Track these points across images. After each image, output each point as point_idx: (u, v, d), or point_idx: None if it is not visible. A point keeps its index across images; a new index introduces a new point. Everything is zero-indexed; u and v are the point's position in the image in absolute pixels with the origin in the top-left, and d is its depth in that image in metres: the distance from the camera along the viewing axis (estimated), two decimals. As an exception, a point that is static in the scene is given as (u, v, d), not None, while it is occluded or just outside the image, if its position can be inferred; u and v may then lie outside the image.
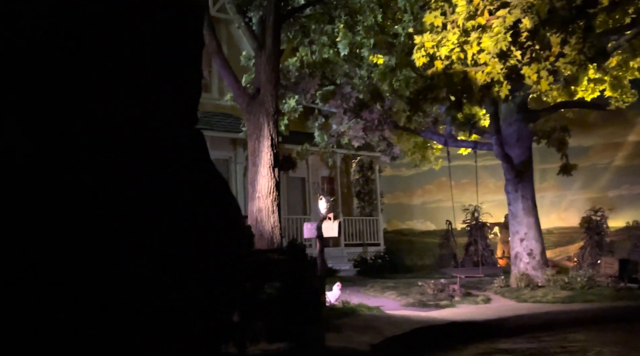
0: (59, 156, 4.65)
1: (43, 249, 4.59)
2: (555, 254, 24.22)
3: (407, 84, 10.75)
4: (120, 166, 4.69)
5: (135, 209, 4.94)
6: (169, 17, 4.84)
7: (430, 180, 25.04)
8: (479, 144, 15.96)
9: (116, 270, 4.43)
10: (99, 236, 4.80)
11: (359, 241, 20.87)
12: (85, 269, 4.68)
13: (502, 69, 10.69)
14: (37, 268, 4.13)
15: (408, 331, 9.01)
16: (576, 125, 20.39)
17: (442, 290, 13.84)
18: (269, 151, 9.34)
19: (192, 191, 5.41)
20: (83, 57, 4.46)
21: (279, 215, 9.33)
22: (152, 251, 5.02)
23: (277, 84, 9.79)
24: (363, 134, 13.71)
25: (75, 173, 4.41)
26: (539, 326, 11.19)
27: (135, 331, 4.63)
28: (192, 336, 5.45)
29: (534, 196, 15.29)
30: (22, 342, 4.09)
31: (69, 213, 4.31)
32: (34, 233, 4.49)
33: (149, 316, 4.67)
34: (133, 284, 4.72)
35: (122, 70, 4.54)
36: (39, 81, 4.38)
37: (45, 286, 4.27)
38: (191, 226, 5.46)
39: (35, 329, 4.04)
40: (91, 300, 4.23)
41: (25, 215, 4.53)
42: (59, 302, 4.18)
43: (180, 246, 5.36)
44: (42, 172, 4.49)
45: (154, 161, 5.11)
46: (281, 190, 19.93)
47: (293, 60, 12.96)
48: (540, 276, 14.59)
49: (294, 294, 6.89)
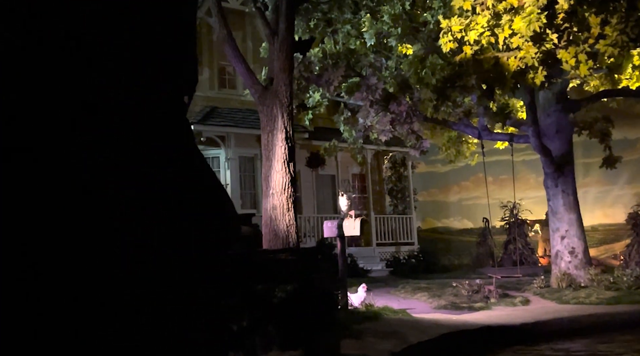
0: (58, 154, 4.32)
1: (43, 249, 4.33)
2: (600, 252, 23.17)
3: (433, 72, 10.05)
4: (120, 164, 4.37)
5: (135, 209, 4.60)
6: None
7: (467, 176, 24.16)
8: (516, 137, 15.09)
9: (116, 270, 4.26)
10: (98, 235, 4.49)
11: (392, 240, 20.17)
12: (85, 269, 4.41)
13: (536, 53, 9.92)
14: (37, 268, 4.00)
15: (435, 337, 8.33)
16: (621, 116, 19.35)
17: (477, 291, 13.09)
18: (283, 144, 8.76)
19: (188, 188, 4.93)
20: (81, 54, 4.20)
21: (294, 213, 8.75)
22: (152, 251, 4.71)
23: (292, 73, 9.21)
24: (390, 127, 13.02)
25: (75, 172, 4.18)
26: (581, 329, 10.41)
27: (135, 331, 4.45)
28: (196, 341, 5.09)
29: (575, 191, 14.37)
30: (22, 342, 3.88)
31: (68, 212, 4.05)
32: (34, 232, 4.28)
33: (149, 316, 4.48)
34: (133, 284, 4.48)
35: (120, 64, 4.20)
36: (36, 78, 4.09)
37: (45, 286, 4.09)
38: (190, 225, 5.03)
39: (35, 329, 3.86)
40: (91, 300, 4.05)
41: (25, 215, 4.29)
42: (59, 302, 4.05)
43: (179, 245, 4.97)
44: (41, 171, 4.22)
45: (152, 160, 4.71)
46: (310, 188, 19.60)
47: (315, 51, 12.37)
48: (583, 276, 13.71)
49: (304, 298, 6.33)
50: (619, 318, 10.96)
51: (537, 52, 9.90)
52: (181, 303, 4.72)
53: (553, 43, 9.98)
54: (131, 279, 4.39)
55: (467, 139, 18.10)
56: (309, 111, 14.40)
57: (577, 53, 9.65)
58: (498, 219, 20.98)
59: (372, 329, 8.14)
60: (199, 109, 16.44)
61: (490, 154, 22.51)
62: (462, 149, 18.38)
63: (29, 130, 4.17)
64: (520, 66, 10.00)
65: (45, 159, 4.15)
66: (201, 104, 16.59)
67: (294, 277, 6.27)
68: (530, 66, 10.07)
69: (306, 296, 6.43)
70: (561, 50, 9.86)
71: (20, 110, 4.07)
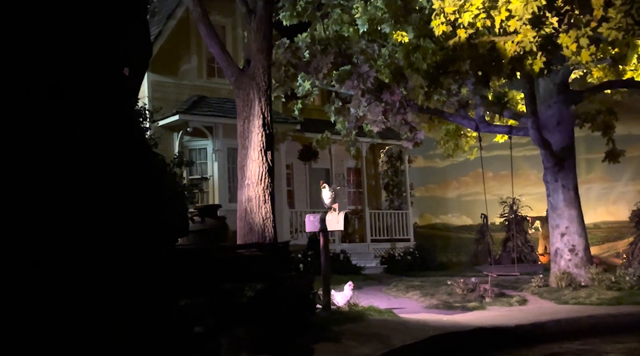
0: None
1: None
2: (603, 250, 22.56)
3: (424, 57, 9.42)
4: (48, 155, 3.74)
5: (45, 203, 3.97)
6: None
7: (466, 171, 23.50)
8: (515, 129, 14.45)
9: (35, 271, 3.68)
10: (20, 233, 3.92)
11: (387, 236, 19.57)
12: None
13: (535, 37, 9.29)
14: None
15: (422, 339, 7.72)
16: (625, 111, 18.70)
17: (472, 290, 12.50)
18: (260, 131, 8.15)
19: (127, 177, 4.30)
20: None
21: (272, 205, 8.13)
22: (83, 245, 4.11)
23: (270, 55, 8.59)
24: (383, 118, 12.40)
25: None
26: (580, 331, 9.81)
27: (65, 337, 3.88)
28: (145, 345, 4.49)
29: (576, 186, 13.73)
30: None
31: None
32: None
33: (81, 318, 3.88)
34: (58, 285, 3.88)
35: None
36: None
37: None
38: (128, 217, 4.39)
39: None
40: (17, 304, 3.51)
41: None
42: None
43: (114, 239, 4.33)
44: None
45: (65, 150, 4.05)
46: (303, 182, 18.99)
47: (303, 36, 11.74)
48: (583, 275, 13.09)
49: (273, 298, 5.75)
50: (621, 319, 10.37)
51: (535, 36, 9.27)
52: (122, 305, 4.12)
53: (553, 27, 9.34)
54: (56, 280, 3.83)
55: (466, 132, 17.48)
56: (298, 101, 13.78)
57: (579, 37, 9.02)
58: (498, 216, 20.40)
59: (353, 331, 7.55)
60: (185, 98, 15.84)
61: (490, 149, 21.90)
62: (460, 143, 17.78)
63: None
64: (517, 50, 9.37)
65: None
66: (188, 93, 15.99)
67: (260, 275, 5.69)
68: (529, 52, 9.44)
69: (276, 295, 5.85)
70: (561, 34, 9.22)
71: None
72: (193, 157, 15.65)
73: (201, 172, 15.47)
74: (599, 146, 16.53)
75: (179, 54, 16.00)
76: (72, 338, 3.73)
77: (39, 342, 3.65)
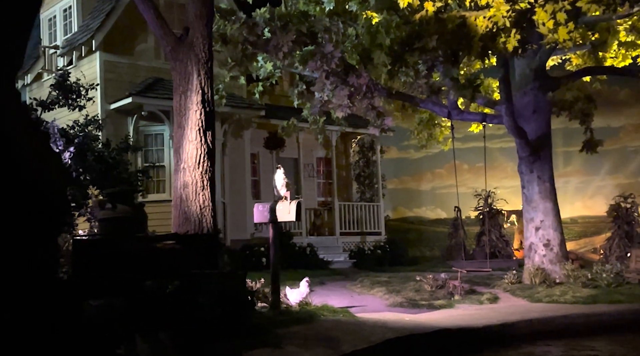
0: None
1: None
2: (580, 245, 22.05)
3: (387, 31, 8.57)
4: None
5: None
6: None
7: (441, 163, 22.81)
8: (489, 117, 13.68)
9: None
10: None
11: (357, 230, 18.75)
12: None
13: (509, 12, 8.50)
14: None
15: (377, 343, 6.91)
16: (604, 103, 18.14)
17: (441, 287, 11.76)
18: (198, 108, 7.23)
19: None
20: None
21: (211, 192, 7.21)
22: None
23: (211, 23, 7.67)
24: (348, 102, 11.56)
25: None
26: (553, 332, 9.13)
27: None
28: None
29: (552, 177, 13.01)
30: None
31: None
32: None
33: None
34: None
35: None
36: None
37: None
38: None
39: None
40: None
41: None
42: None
43: None
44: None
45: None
46: (270, 172, 18.05)
47: (262, 11, 10.84)
48: (558, 271, 12.39)
49: (192, 297, 4.89)
50: (596, 319, 9.71)
51: (509, 11, 8.50)
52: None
53: (528, 1, 8.55)
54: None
55: (440, 122, 16.73)
56: (259, 83, 12.87)
57: (556, 11, 8.23)
58: (472, 209, 19.73)
59: (299, 334, 6.71)
60: (140, 80, 14.85)
61: (466, 141, 21.24)
62: (434, 132, 17.05)
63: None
64: (489, 26, 8.57)
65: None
66: (144, 75, 14.99)
67: (175, 271, 4.83)
68: (502, 28, 8.65)
69: (197, 294, 5.00)
70: (537, 9, 8.43)
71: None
72: (149, 143, 14.70)
73: (157, 159, 14.54)
74: (577, 138, 15.86)
75: (135, 33, 14.98)
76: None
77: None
